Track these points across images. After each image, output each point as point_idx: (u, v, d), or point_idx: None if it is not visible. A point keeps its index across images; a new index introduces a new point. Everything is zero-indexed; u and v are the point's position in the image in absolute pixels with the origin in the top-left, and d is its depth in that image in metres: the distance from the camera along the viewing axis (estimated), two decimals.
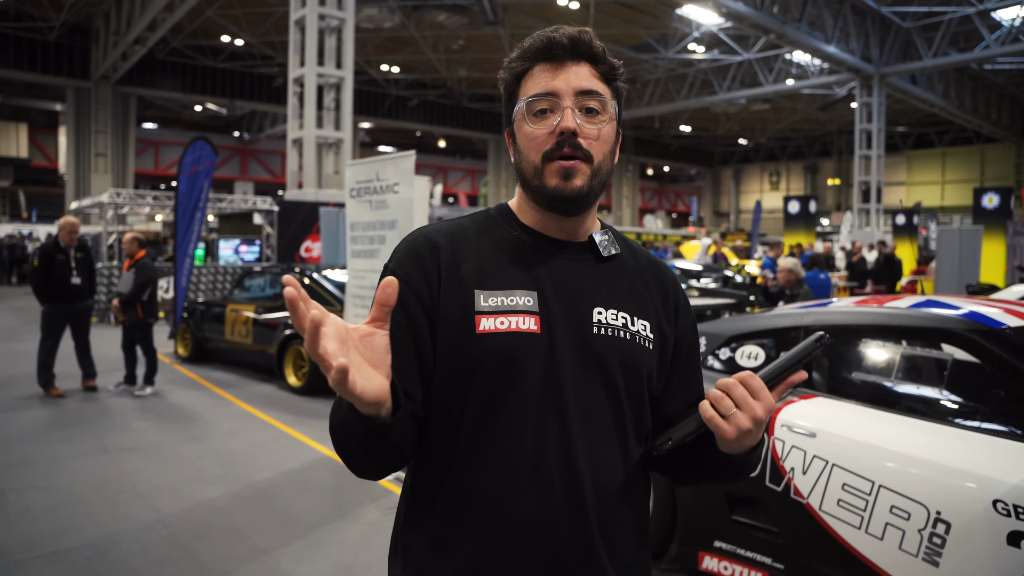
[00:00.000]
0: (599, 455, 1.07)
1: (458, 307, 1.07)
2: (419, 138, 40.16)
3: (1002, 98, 30.97)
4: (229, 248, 14.89)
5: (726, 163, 48.10)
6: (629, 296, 1.15)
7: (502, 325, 1.05)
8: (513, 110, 1.13)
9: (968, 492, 2.34)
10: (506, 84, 1.15)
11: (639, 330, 1.13)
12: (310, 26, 14.22)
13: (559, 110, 1.08)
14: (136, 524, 3.91)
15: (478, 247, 1.13)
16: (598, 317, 1.10)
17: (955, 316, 2.72)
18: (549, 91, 1.08)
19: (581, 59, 1.10)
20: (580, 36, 1.10)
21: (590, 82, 1.09)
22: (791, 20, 19.36)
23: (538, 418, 1.04)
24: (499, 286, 1.08)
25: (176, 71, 28.01)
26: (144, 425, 5.99)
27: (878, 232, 22.86)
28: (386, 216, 4.75)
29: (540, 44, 1.10)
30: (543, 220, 1.14)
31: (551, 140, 1.08)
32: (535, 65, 1.11)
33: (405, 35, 24.63)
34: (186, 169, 8.15)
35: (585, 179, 1.08)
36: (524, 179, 1.13)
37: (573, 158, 1.07)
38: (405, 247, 1.14)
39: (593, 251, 1.16)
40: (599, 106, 1.09)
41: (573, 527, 1.04)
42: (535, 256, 1.12)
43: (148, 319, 7.09)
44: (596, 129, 1.09)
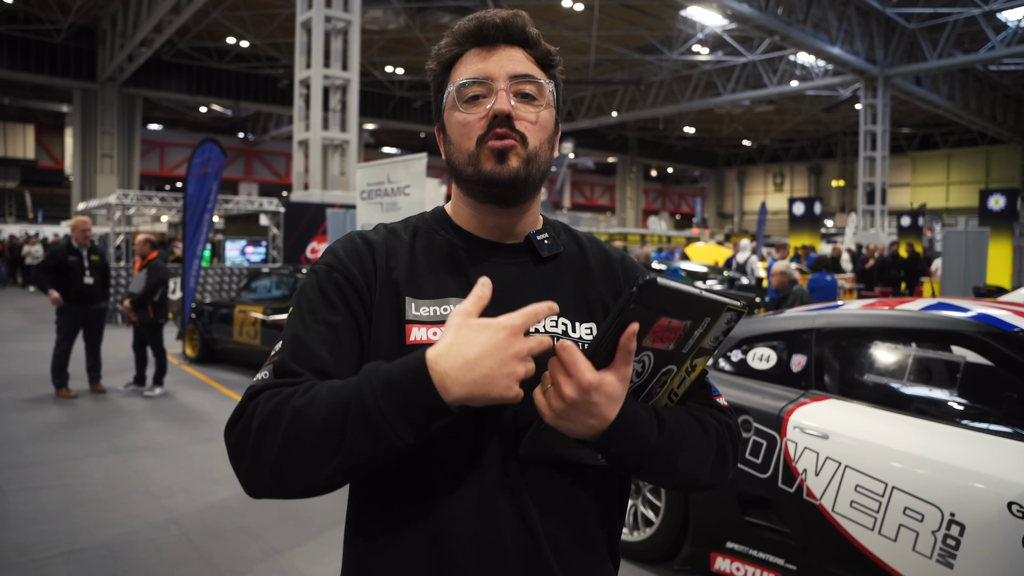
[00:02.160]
0: (540, 472, 0.99)
1: (390, 314, 1.01)
2: (423, 139, 40.22)
3: (1007, 99, 30.92)
4: (235, 249, 14.93)
5: (730, 164, 48.08)
6: (571, 299, 1.07)
7: (434, 336, 0.98)
8: (443, 98, 1.06)
9: (982, 494, 2.35)
10: (435, 74, 1.09)
11: (581, 336, 1.05)
12: (316, 28, 14.27)
13: (492, 94, 1.01)
14: (149, 524, 3.94)
15: (411, 251, 1.06)
16: (536, 326, 1.01)
17: (967, 319, 2.74)
18: (482, 76, 1.02)
19: (514, 43, 1.04)
20: (513, 19, 1.04)
21: (525, 66, 1.03)
22: (795, 22, 19.37)
23: (474, 437, 0.97)
24: (431, 294, 1.02)
25: (182, 72, 28.14)
26: (155, 425, 6.02)
27: (883, 234, 22.84)
28: (397, 218, 4.77)
29: (471, 26, 1.04)
30: (478, 218, 1.07)
31: (484, 124, 1.01)
32: (466, 51, 1.05)
33: (410, 37, 24.68)
34: (195, 171, 8.19)
35: (521, 161, 1.00)
36: (457, 170, 1.05)
37: (507, 137, 1.00)
38: (342, 244, 1.07)
39: (531, 252, 1.08)
40: (535, 91, 1.03)
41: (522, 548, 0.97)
42: (468, 261, 1.06)
43: (159, 320, 7.13)
44: (533, 113, 1.02)
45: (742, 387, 3.20)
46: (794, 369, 3.11)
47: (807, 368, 3.07)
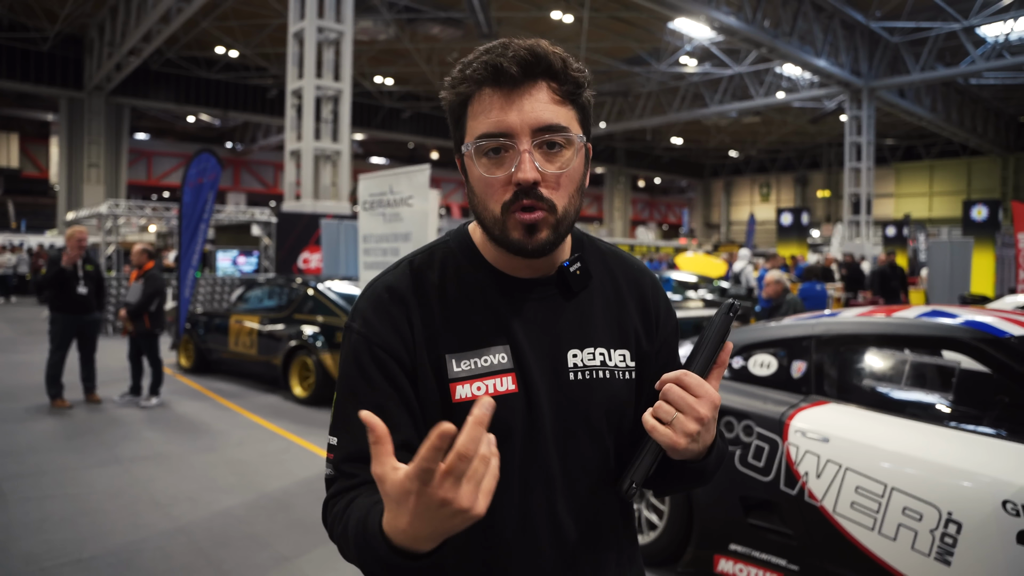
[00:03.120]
0: (583, 503, 1.03)
1: (432, 373, 0.99)
2: (412, 150, 40.30)
3: (987, 112, 31.45)
4: (227, 259, 14.91)
5: (717, 175, 48.48)
6: (605, 326, 1.07)
7: (479, 391, 0.97)
8: (463, 139, 1.00)
9: (978, 493, 2.45)
10: (450, 106, 1.00)
11: (617, 363, 1.06)
12: (309, 39, 14.34)
13: (515, 153, 0.94)
14: (156, 532, 3.96)
15: (442, 297, 1.03)
16: (573, 360, 1.03)
17: (961, 326, 2.84)
18: (501, 131, 0.94)
19: (537, 78, 0.95)
20: (534, 51, 0.94)
21: (550, 112, 0.95)
22: (782, 34, 19.64)
23: (521, 480, 0.99)
24: (470, 345, 1.00)
25: (170, 82, 28.07)
26: (154, 435, 6.03)
27: (868, 244, 23.13)
28: (400, 228, 4.85)
29: (485, 71, 0.95)
30: (508, 259, 1.04)
31: (508, 191, 0.95)
32: (482, 88, 0.96)
33: (399, 48, 24.79)
34: (190, 181, 8.21)
35: (550, 230, 0.96)
36: (483, 225, 1.01)
37: (535, 209, 0.95)
38: (371, 306, 1.03)
39: (561, 284, 1.06)
40: (562, 140, 0.96)
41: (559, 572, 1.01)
42: (503, 302, 1.03)
43: (155, 330, 7.14)
44: (559, 172, 0.96)
45: (744, 393, 3.29)
46: (794, 375, 3.20)
47: (807, 374, 3.17)
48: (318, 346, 7.27)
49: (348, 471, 0.97)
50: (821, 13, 20.88)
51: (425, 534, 0.78)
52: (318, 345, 7.28)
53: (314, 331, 7.43)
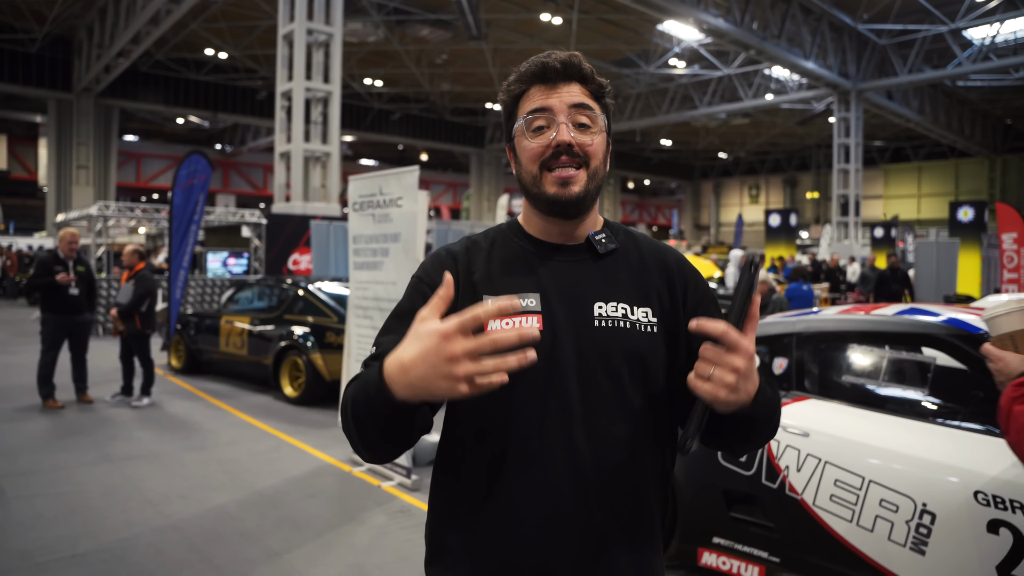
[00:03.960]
0: (601, 432, 1.17)
1: None
2: (401, 151, 40.32)
3: (975, 114, 31.74)
4: (217, 261, 14.91)
5: (706, 176, 48.69)
6: (629, 286, 1.25)
7: (508, 325, 1.15)
8: (513, 127, 1.25)
9: (951, 485, 2.53)
10: (505, 104, 1.27)
11: (639, 318, 1.23)
12: (298, 41, 14.36)
13: (554, 125, 1.20)
14: (149, 529, 4.00)
15: (489, 257, 1.27)
16: (599, 311, 1.21)
17: (938, 323, 2.92)
18: (545, 107, 1.21)
19: (572, 79, 1.23)
20: (571, 59, 1.23)
21: (581, 98, 1.22)
22: (770, 36, 19.79)
23: (541, 404, 1.15)
24: (506, 291, 1.20)
25: (159, 84, 27.99)
26: (145, 435, 6.06)
27: (856, 245, 23.32)
28: (389, 229, 4.90)
29: (535, 68, 1.23)
30: (546, 227, 1.27)
31: (548, 151, 1.20)
32: (531, 87, 1.23)
33: (389, 49, 24.82)
34: (181, 183, 8.24)
35: (582, 185, 1.20)
36: (525, 188, 1.25)
37: (569, 167, 1.19)
38: (430, 258, 1.30)
39: (591, 250, 1.27)
40: (590, 120, 1.22)
41: (576, 500, 1.15)
42: (538, 262, 1.25)
43: (146, 330, 7.16)
44: (590, 139, 1.21)
45: None
46: (776, 372, 3.27)
47: (788, 370, 3.24)
48: (308, 346, 7.31)
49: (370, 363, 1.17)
50: (809, 15, 21.06)
51: (412, 378, 0.96)
52: (308, 345, 7.31)
53: (304, 331, 7.46)
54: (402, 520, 4.23)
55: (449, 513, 1.23)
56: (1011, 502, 2.39)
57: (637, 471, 1.20)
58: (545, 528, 1.16)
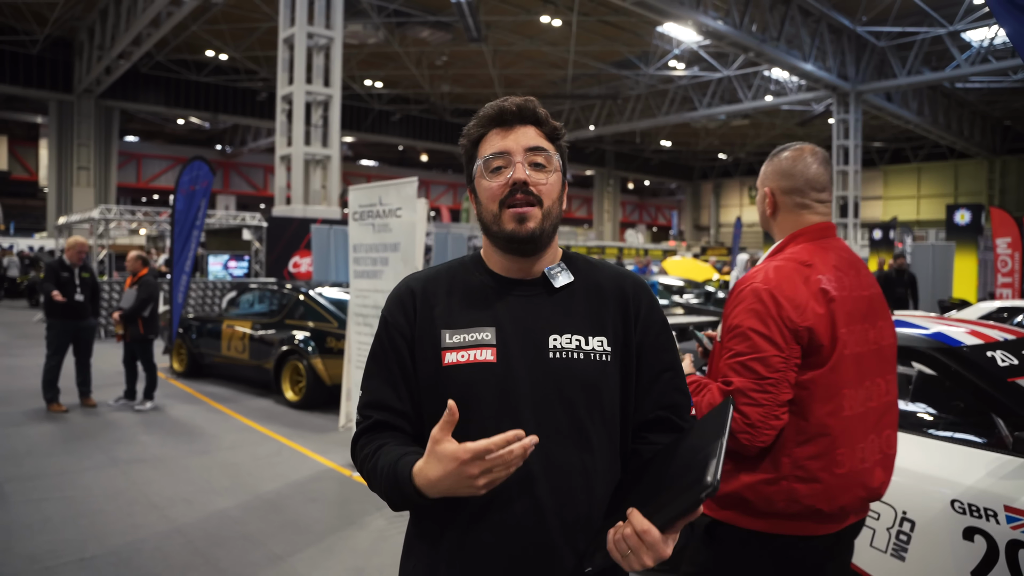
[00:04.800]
0: (556, 461, 1.22)
1: (430, 345, 1.28)
2: (401, 152, 40.44)
3: (973, 115, 31.83)
4: (218, 264, 15.01)
5: (706, 177, 48.78)
6: (584, 317, 1.31)
7: (463, 358, 1.25)
8: (473, 169, 1.33)
9: (930, 493, 2.62)
10: (465, 148, 1.35)
11: (594, 347, 1.29)
12: (299, 45, 14.46)
13: (511, 166, 1.27)
14: (154, 533, 4.09)
15: (449, 291, 1.33)
16: (553, 343, 1.27)
17: (921, 336, 3.01)
18: (502, 150, 1.28)
19: (527, 122, 1.30)
20: (526, 104, 1.30)
21: (536, 140, 1.29)
22: (769, 38, 19.88)
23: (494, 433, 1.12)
24: (463, 325, 1.28)
25: (160, 85, 28.10)
26: (149, 439, 6.15)
27: (856, 246, 23.40)
28: (389, 239, 4.99)
29: (492, 113, 1.30)
30: (505, 263, 1.33)
31: (505, 189, 1.27)
32: (489, 131, 1.31)
33: (389, 51, 24.92)
34: (183, 187, 8.34)
35: (537, 222, 1.26)
36: (485, 227, 1.31)
37: (527, 204, 1.26)
38: (393, 297, 1.37)
39: (546, 284, 1.33)
40: (545, 160, 1.29)
41: (533, 528, 1.20)
42: (495, 297, 1.31)
43: (149, 335, 7.27)
44: (544, 178, 1.28)
45: None
46: None
47: None
48: (309, 351, 7.40)
49: (365, 414, 1.32)
50: (808, 17, 21.14)
51: (441, 488, 1.12)
52: (309, 350, 7.41)
53: (305, 336, 7.55)
54: (401, 524, 4.33)
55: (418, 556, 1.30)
56: (985, 510, 2.48)
57: (595, 499, 1.25)
58: (512, 567, 1.21)
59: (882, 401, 1.92)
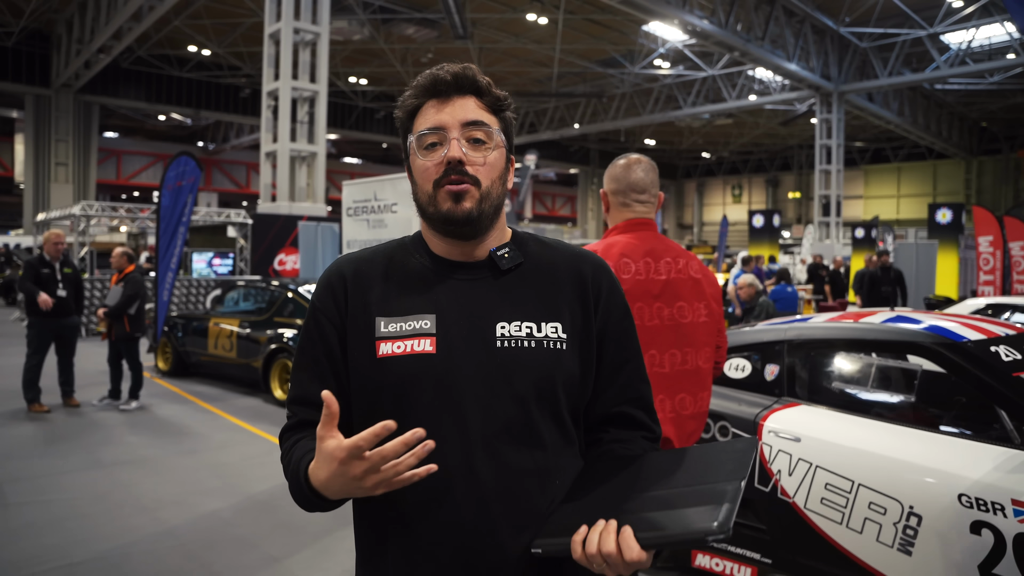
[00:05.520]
0: (507, 462, 1.11)
1: (363, 334, 1.16)
2: (385, 150, 40.22)
3: (952, 116, 32.23)
4: (202, 261, 14.83)
5: (690, 176, 48.99)
6: (536, 302, 1.19)
7: (399, 349, 1.13)
8: (407, 144, 1.20)
9: (936, 488, 2.61)
10: (400, 121, 1.22)
11: (547, 334, 1.16)
12: (285, 40, 14.31)
13: (447, 142, 1.14)
14: (144, 536, 4.00)
15: (385, 275, 1.21)
16: (501, 331, 1.15)
17: (923, 331, 3.01)
18: (436, 125, 1.15)
19: (466, 93, 1.17)
20: (464, 72, 1.17)
21: (476, 113, 1.16)
22: (754, 38, 19.97)
23: (433, 431, 1.06)
24: (399, 312, 1.16)
25: (141, 80, 27.71)
26: (135, 439, 6.04)
27: (838, 245, 23.59)
28: (384, 234, 4.93)
29: (426, 82, 1.18)
30: (446, 246, 1.20)
31: (440, 169, 1.14)
32: (425, 102, 1.18)
33: (374, 48, 24.76)
34: (169, 184, 8.21)
35: (474, 202, 1.14)
36: (421, 208, 1.20)
37: (461, 182, 1.13)
38: (322, 279, 1.25)
39: (492, 267, 1.20)
40: (485, 135, 1.16)
41: (482, 533, 1.09)
42: (436, 280, 1.18)
43: (135, 333, 7.14)
44: (482, 156, 1.15)
45: (720, 395, 3.43)
46: (768, 378, 3.35)
47: (780, 377, 3.32)
48: None
49: (292, 410, 1.23)
50: (792, 18, 21.27)
51: (333, 490, 1.04)
52: None
53: (294, 334, 7.46)
54: None
55: (363, 558, 1.22)
56: (993, 504, 2.48)
57: (548, 499, 1.14)
58: (454, 568, 1.11)
59: (677, 369, 2.29)
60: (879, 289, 10.44)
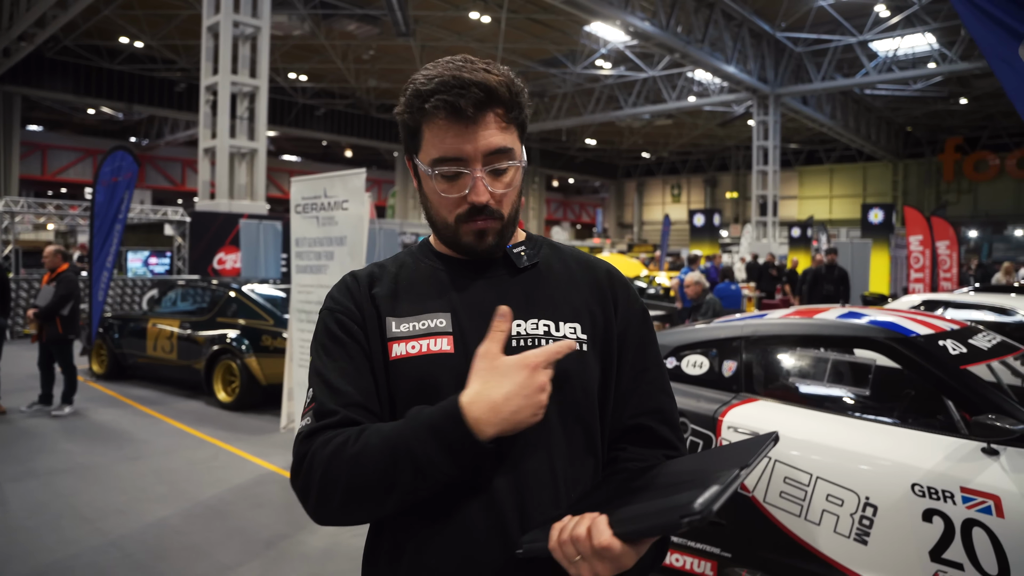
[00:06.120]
0: (525, 470, 1.04)
1: (376, 336, 1.10)
2: (325, 148, 39.53)
3: (880, 121, 33.55)
4: (138, 260, 14.31)
5: (630, 176, 49.65)
6: (554, 302, 1.14)
7: (413, 349, 1.07)
8: (416, 149, 1.11)
9: (891, 478, 2.70)
10: (405, 123, 1.11)
11: (566, 334, 1.11)
12: (224, 33, 13.92)
13: (468, 176, 1.06)
14: (87, 548, 3.83)
15: (396, 279, 1.16)
16: (517, 330, 1.09)
17: (875, 326, 3.11)
18: (456, 156, 1.06)
19: (488, 111, 1.07)
20: (486, 92, 1.05)
21: (499, 138, 1.07)
22: (694, 41, 20.36)
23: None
24: (411, 312, 1.10)
25: (68, 71, 26.47)
26: (72, 447, 5.78)
27: (775, 244, 24.27)
28: (334, 232, 4.84)
29: (445, 97, 1.04)
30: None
31: (463, 206, 1.08)
32: (438, 116, 1.05)
33: (314, 43, 24.30)
34: (104, 179, 7.88)
35: (496, 235, 1.10)
36: (436, 229, 1.14)
37: (486, 221, 1.09)
38: (336, 287, 1.19)
39: (507, 265, 1.15)
40: (507, 160, 1.09)
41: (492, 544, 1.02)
42: (448, 280, 1.13)
43: (68, 335, 6.83)
44: (506, 186, 1.10)
45: (678, 392, 3.47)
46: (725, 374, 3.41)
47: (737, 373, 3.38)
48: (243, 350, 7.12)
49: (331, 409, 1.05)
50: (731, 22, 21.77)
51: (507, 411, 0.95)
52: (243, 349, 7.12)
53: (238, 334, 7.26)
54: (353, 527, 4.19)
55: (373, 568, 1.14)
56: (943, 492, 2.58)
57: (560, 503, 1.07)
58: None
59: None
60: (822, 287, 10.43)
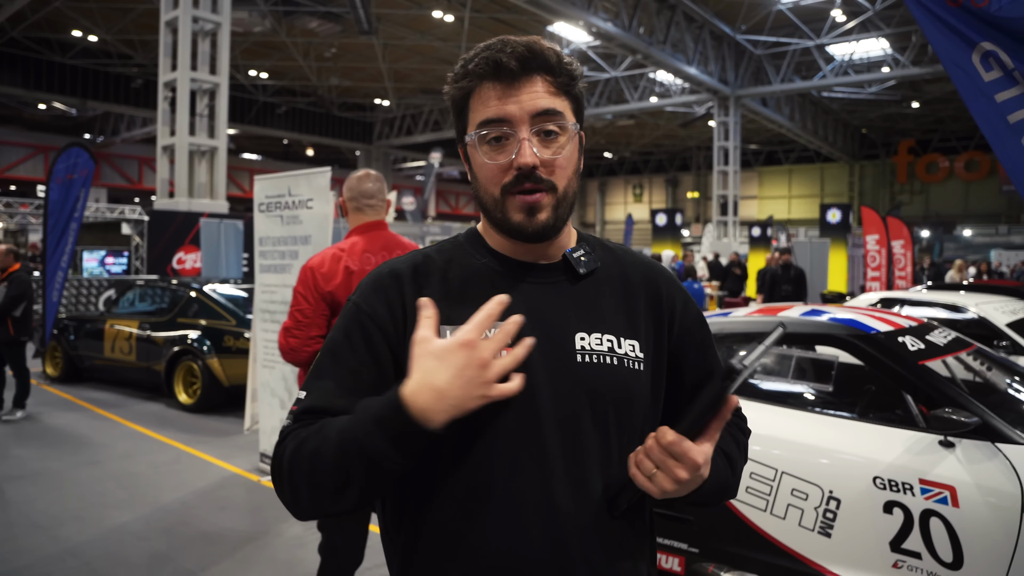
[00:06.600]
0: (588, 489, 0.99)
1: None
2: (286, 146, 39.01)
3: (836, 123, 34.33)
4: (94, 260, 13.95)
5: (592, 175, 49.93)
6: (614, 315, 1.07)
7: None
8: (465, 130, 1.05)
9: (853, 472, 2.76)
10: (454, 100, 1.06)
11: (627, 352, 1.05)
12: (183, 29, 13.64)
13: (514, 139, 0.99)
14: (41, 557, 3.72)
15: (445, 277, 1.05)
16: (581, 343, 1.02)
17: (838, 323, 3.17)
18: (501, 116, 0.99)
19: (534, 73, 1.01)
20: (531, 48, 1.01)
21: (547, 100, 1.00)
22: (656, 42, 20.57)
23: (512, 459, 0.97)
24: (464, 320, 0.94)
25: (16, 64, 25.65)
26: (25, 452, 5.61)
27: (735, 243, 24.64)
28: (299, 231, 4.78)
29: (486, 63, 1.00)
30: (512, 246, 1.07)
31: (509, 174, 1.00)
32: (483, 82, 1.01)
33: (275, 41, 23.97)
34: (58, 176, 7.67)
35: (550, 211, 1.01)
36: (485, 209, 1.05)
37: (536, 191, 0.99)
38: (369, 279, 1.08)
39: (567, 270, 1.07)
40: (558, 127, 1.01)
41: (555, 571, 0.98)
42: (504, 284, 1.04)
43: (21, 337, 6.63)
44: (555, 157, 1.01)
45: None
46: None
47: None
48: (204, 351, 6.99)
49: (308, 421, 0.99)
50: (692, 23, 22.03)
51: (452, 397, 0.87)
52: (204, 350, 6.99)
53: (199, 335, 7.13)
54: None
55: None
56: (903, 484, 2.65)
57: (624, 532, 1.05)
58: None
59: None
60: (779, 288, 10.45)
